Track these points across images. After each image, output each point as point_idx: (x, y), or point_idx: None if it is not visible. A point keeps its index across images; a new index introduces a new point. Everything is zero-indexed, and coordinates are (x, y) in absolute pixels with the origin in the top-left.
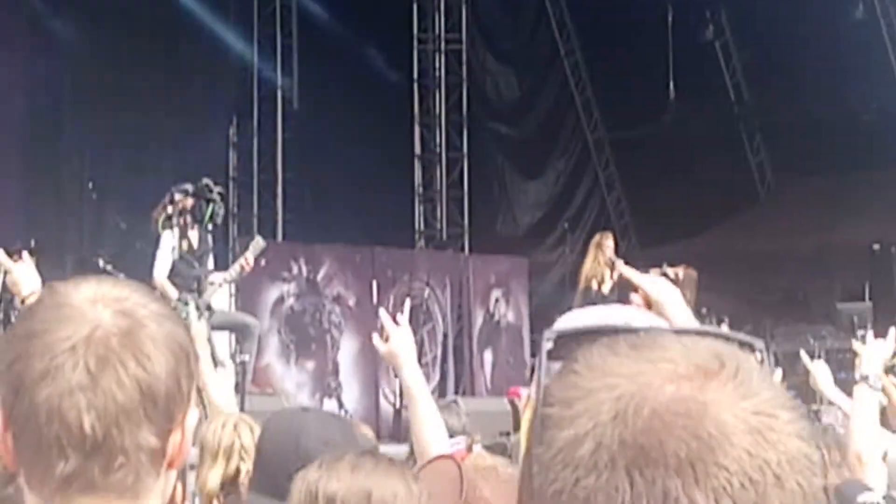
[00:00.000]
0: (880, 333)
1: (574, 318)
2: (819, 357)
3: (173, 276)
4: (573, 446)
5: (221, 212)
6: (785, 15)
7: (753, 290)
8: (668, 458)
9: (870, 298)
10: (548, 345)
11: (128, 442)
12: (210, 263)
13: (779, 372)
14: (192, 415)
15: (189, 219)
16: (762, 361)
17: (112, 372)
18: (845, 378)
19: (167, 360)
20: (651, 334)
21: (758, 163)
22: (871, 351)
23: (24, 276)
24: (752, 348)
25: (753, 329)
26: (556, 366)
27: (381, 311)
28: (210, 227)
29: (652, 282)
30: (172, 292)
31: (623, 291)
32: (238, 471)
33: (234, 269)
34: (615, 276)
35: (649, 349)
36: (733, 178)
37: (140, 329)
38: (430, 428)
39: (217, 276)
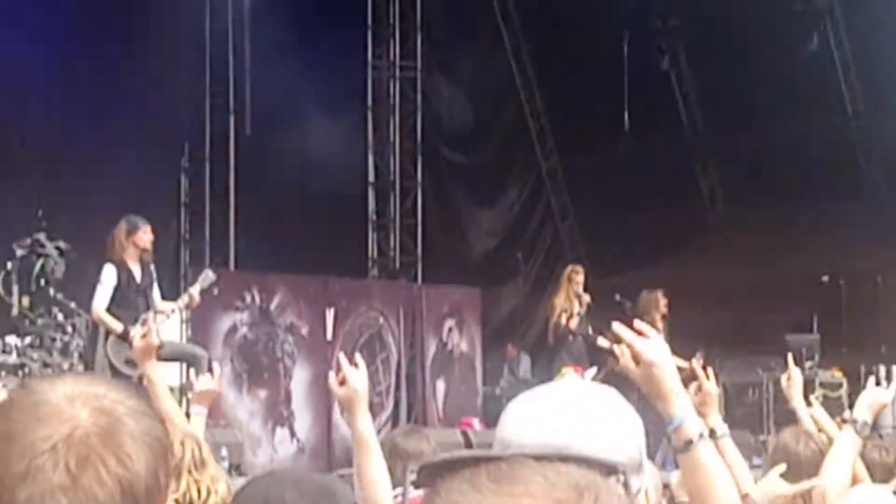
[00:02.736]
0: (826, 365)
1: (527, 403)
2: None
3: (118, 309)
4: None
5: (60, 268)
6: (740, 46)
7: (702, 320)
8: None
9: (818, 330)
10: (411, 476)
11: None
12: (156, 295)
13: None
14: None
15: (16, 277)
16: (625, 484)
17: (93, 471)
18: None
19: (147, 456)
20: (512, 464)
21: (709, 192)
22: (868, 396)
23: None
24: (614, 471)
25: (702, 359)
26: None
27: (340, 355)
28: (42, 283)
29: (645, 343)
30: (116, 325)
31: (590, 325)
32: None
33: (181, 301)
34: (583, 310)
35: (510, 483)
36: (685, 207)
37: (119, 427)
38: (381, 482)
39: (165, 306)
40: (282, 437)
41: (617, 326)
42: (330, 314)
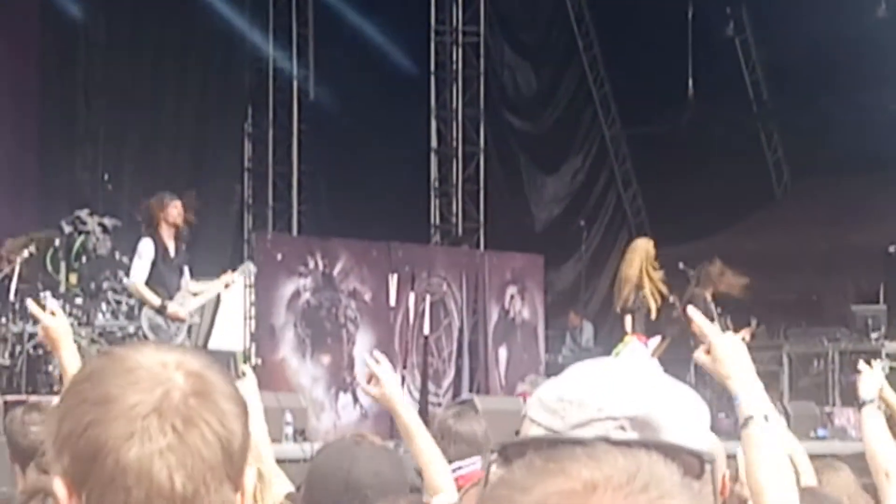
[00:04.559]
0: (893, 335)
1: (600, 367)
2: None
3: (153, 283)
4: None
5: (105, 244)
6: (805, 13)
7: (767, 290)
8: None
9: (884, 301)
10: (493, 455)
11: (214, 498)
12: (186, 275)
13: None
14: (251, 472)
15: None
16: (710, 472)
17: (197, 431)
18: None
19: (238, 415)
20: (588, 447)
21: (775, 162)
22: (868, 378)
23: (62, 328)
24: (700, 460)
25: (767, 330)
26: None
27: (367, 358)
28: (84, 259)
29: (719, 335)
30: (154, 298)
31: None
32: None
33: (216, 285)
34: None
35: (558, 463)
36: (750, 177)
37: (212, 388)
38: (436, 463)
39: (197, 288)
40: (345, 402)
41: (694, 314)
42: (393, 280)
